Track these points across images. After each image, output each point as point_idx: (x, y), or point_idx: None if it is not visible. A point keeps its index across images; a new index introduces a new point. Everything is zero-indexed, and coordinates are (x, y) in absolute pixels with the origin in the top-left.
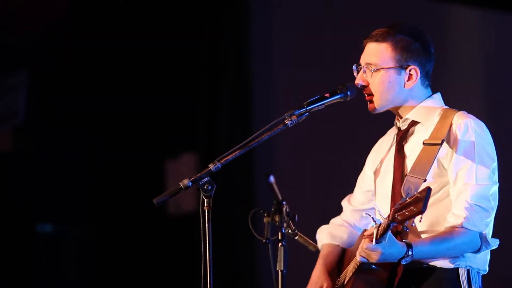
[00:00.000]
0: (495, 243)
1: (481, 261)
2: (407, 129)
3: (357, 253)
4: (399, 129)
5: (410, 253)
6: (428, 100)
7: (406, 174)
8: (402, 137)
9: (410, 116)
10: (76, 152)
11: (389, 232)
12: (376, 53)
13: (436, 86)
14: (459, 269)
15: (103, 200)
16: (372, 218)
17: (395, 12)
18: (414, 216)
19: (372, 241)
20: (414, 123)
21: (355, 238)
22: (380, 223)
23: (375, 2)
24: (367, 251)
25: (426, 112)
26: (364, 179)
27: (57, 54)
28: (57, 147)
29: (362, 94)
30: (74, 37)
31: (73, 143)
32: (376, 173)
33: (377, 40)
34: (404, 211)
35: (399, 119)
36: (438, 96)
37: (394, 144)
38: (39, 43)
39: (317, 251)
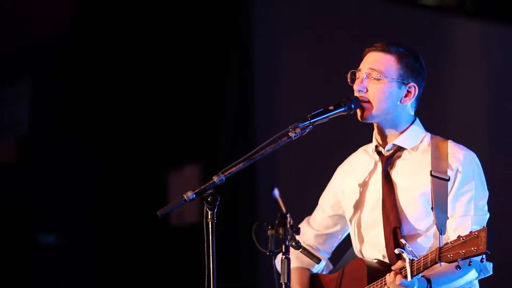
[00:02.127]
0: (490, 269)
1: (476, 283)
2: (392, 155)
3: (386, 286)
4: (380, 153)
5: None
6: (414, 126)
7: (432, 207)
8: (388, 162)
9: (398, 142)
10: (79, 162)
11: None
12: (382, 62)
13: (437, 96)
14: None
15: (106, 211)
16: (404, 254)
17: (398, 24)
18: (473, 256)
19: (405, 276)
20: (400, 148)
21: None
22: (413, 259)
23: (379, 12)
24: (398, 286)
25: (414, 139)
26: (330, 203)
27: (60, 64)
28: (60, 157)
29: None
30: (77, 47)
31: (76, 153)
32: (353, 198)
33: (383, 50)
34: (459, 250)
35: (381, 144)
36: (419, 121)
37: (379, 170)
38: (42, 52)
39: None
